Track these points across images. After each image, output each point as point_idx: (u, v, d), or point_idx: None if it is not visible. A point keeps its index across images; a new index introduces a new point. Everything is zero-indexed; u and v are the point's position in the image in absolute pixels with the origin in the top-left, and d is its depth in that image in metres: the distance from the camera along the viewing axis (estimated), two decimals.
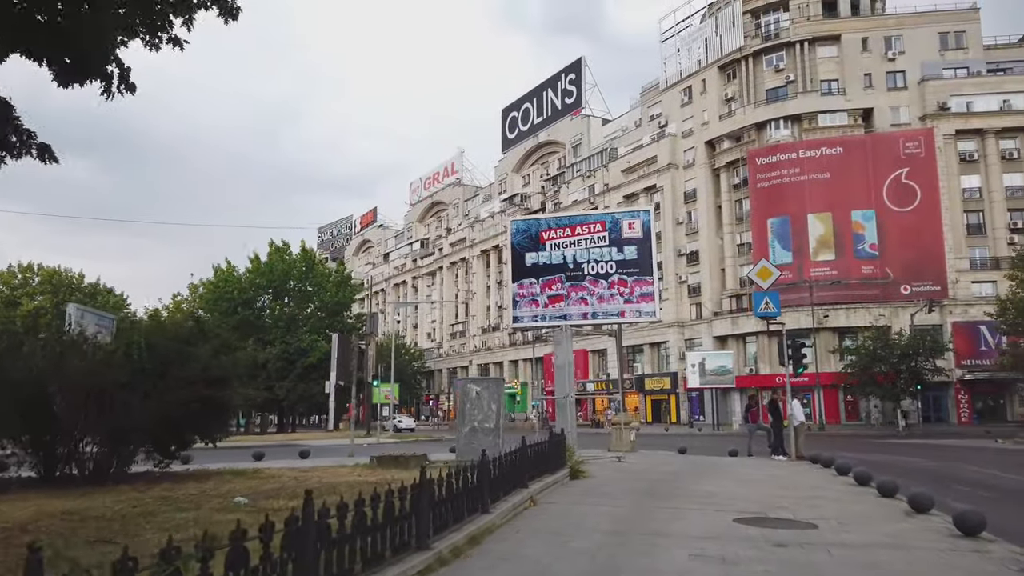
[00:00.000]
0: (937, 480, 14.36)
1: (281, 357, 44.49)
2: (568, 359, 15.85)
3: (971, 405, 47.46)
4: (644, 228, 16.12)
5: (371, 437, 33.44)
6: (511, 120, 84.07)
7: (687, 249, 58.18)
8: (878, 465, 17.23)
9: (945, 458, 20.67)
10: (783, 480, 12.73)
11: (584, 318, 16.27)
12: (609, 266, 16.10)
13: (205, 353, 12.73)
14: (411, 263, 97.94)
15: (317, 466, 15.51)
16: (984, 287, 48.34)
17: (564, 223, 16.64)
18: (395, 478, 11.98)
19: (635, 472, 14.08)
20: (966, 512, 7.23)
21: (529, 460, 9.82)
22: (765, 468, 15.25)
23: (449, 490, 6.49)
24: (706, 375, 47.19)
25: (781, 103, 54.37)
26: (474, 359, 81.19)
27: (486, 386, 14.39)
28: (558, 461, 11.96)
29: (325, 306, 47.85)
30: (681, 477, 13.16)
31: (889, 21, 53.43)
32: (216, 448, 15.67)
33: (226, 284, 45.62)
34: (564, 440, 12.88)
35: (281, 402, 45.69)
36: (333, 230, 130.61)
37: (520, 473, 9.21)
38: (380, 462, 14.46)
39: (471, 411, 14.42)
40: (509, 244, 16.86)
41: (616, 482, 12.09)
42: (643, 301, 15.91)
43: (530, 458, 9.90)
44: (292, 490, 10.91)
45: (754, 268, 18.55)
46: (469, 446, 14.24)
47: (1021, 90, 49.30)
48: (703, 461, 17.42)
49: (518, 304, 16.62)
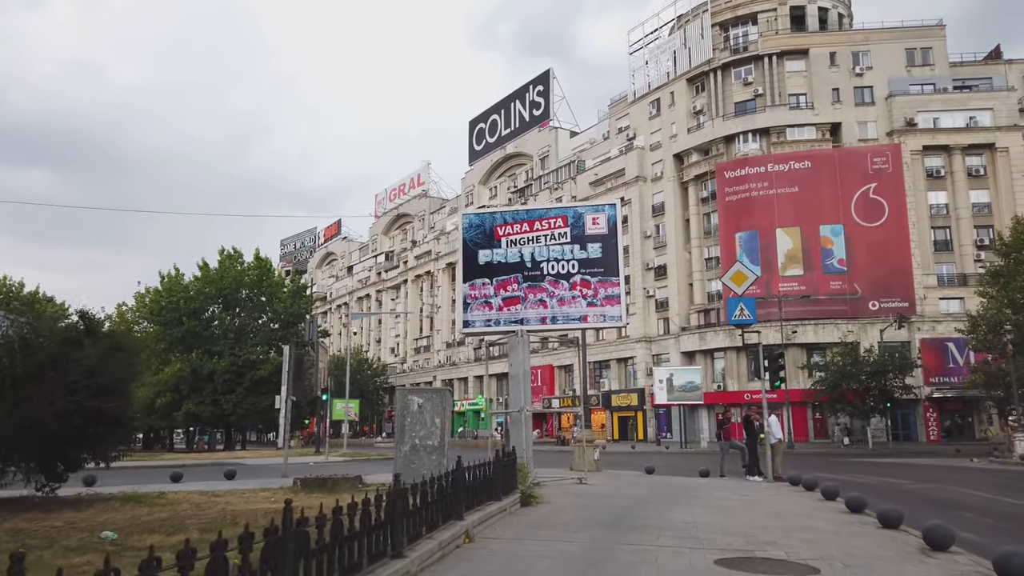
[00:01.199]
0: (937, 505, 12.92)
1: (229, 370, 41.95)
2: (523, 368, 14.14)
3: (939, 423, 46.83)
4: (610, 223, 14.53)
5: (321, 455, 31.24)
6: (478, 132, 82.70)
7: (655, 263, 57.10)
8: (860, 487, 15.79)
9: (928, 479, 19.37)
10: (765, 506, 11.14)
11: (543, 323, 14.57)
12: (571, 265, 14.46)
13: (91, 355, 10.72)
14: (375, 276, 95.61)
15: (235, 489, 13.54)
16: (951, 304, 47.95)
17: (522, 217, 14.97)
18: (310, 505, 10.13)
19: (598, 497, 12.39)
20: (1010, 554, 5.67)
21: (467, 485, 8.07)
22: (742, 491, 13.68)
23: (337, 531, 4.73)
24: (674, 391, 45.82)
25: (750, 116, 53.82)
26: (438, 374, 79.04)
27: (429, 398, 12.59)
28: (507, 485, 10.22)
29: (278, 317, 45.48)
30: (649, 503, 11.50)
31: (856, 36, 53.36)
32: (132, 468, 13.70)
33: (171, 293, 42.97)
34: (515, 460, 11.14)
35: (228, 417, 43.04)
36: (296, 242, 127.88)
37: (454, 502, 7.46)
38: (305, 485, 12.55)
39: (412, 426, 12.60)
40: (460, 240, 15.14)
41: (575, 510, 10.38)
42: (608, 304, 14.28)
43: (468, 483, 8.15)
44: (180, 521, 9.00)
45: (728, 272, 17.10)
46: (409, 467, 12.39)
47: (987, 107, 49.35)
48: (673, 483, 15.81)
49: (469, 307, 14.87)
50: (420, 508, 6.44)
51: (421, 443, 12.50)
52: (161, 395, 41.67)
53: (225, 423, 45.59)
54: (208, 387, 42.51)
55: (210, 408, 42.72)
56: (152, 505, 11.03)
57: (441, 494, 7.02)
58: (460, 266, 15.12)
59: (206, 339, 43.70)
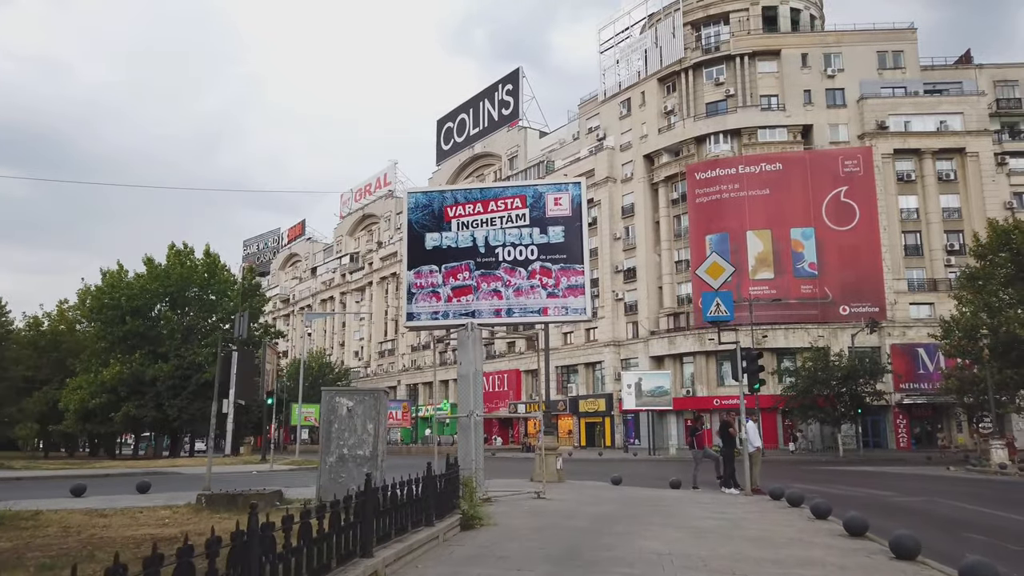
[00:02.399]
0: (937, 524, 11.45)
1: (174, 373, 39.41)
2: (475, 367, 12.39)
3: (909, 430, 46.15)
4: (574, 204, 12.86)
5: (266, 463, 29.10)
6: (446, 131, 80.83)
7: (624, 266, 55.79)
8: (843, 500, 14.38)
9: (912, 491, 18.06)
10: (749, 527, 9.55)
11: (497, 315, 12.83)
12: (530, 251, 12.74)
13: None
14: (340, 278, 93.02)
15: (133, 507, 11.56)
16: (922, 309, 47.43)
17: (475, 197, 13.21)
18: (202, 531, 8.26)
19: (555, 515, 10.69)
20: None
21: (382, 510, 6.32)
22: (720, 508, 12.09)
23: None
24: (642, 396, 44.39)
25: (721, 117, 52.90)
26: (403, 379, 76.92)
27: (361, 400, 10.80)
28: (443, 505, 8.47)
29: (229, 317, 42.98)
30: (615, 523, 9.84)
31: (828, 38, 52.79)
32: (43, 479, 11.67)
33: (112, 290, 40.26)
34: (457, 475, 9.41)
35: (172, 423, 40.46)
36: (260, 243, 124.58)
37: (361, 533, 5.70)
38: (211, 503, 10.62)
39: (340, 433, 10.79)
40: (405, 222, 13.34)
41: (525, 535, 8.65)
42: (571, 295, 12.59)
43: (384, 506, 6.39)
44: (21, 555, 7.09)
45: (703, 264, 15.59)
46: (335, 481, 10.59)
47: (957, 111, 49.02)
48: (642, 497, 14.18)
49: (414, 297, 13.06)
50: (300, 548, 4.68)
51: (350, 453, 10.71)
52: (96, 396, 38.95)
53: (170, 428, 42.96)
54: (151, 390, 39.89)
55: (152, 412, 40.08)
56: (15, 528, 9.06)
57: (337, 525, 5.26)
58: (404, 250, 13.32)
59: (151, 339, 41.05)
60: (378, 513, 6.18)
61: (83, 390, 39.61)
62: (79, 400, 39.72)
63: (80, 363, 42.71)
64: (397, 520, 6.79)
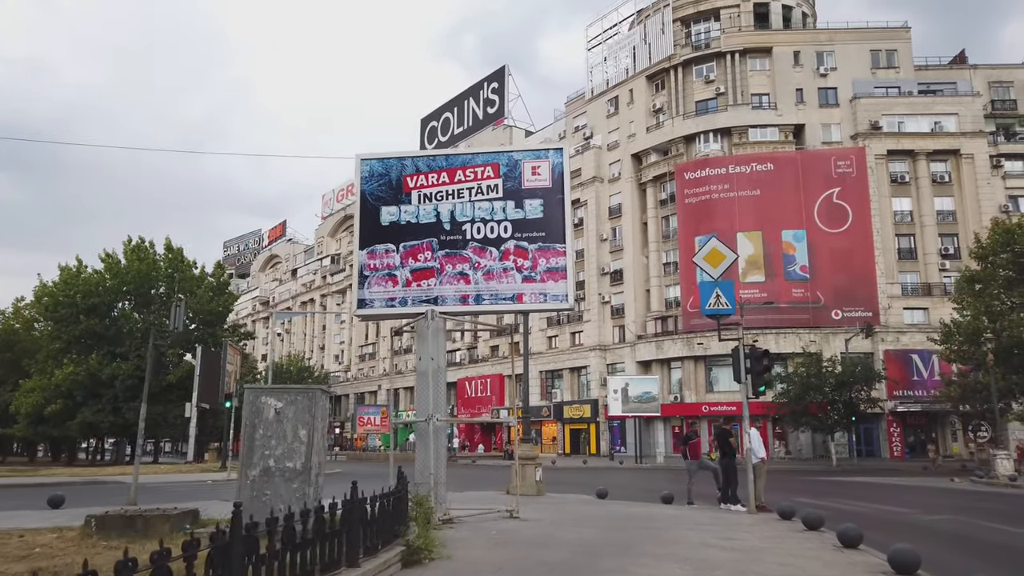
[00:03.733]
0: (981, 554, 9.67)
1: (133, 373, 37.07)
2: (436, 364, 10.48)
3: (903, 438, 44.68)
4: (555, 174, 10.99)
5: (223, 472, 26.97)
6: (430, 130, 78.95)
7: (611, 268, 54.07)
8: (856, 518, 12.56)
9: (928, 507, 16.33)
10: (765, 560, 7.70)
11: (464, 302, 10.92)
12: (503, 228, 10.86)
13: None
14: (320, 280, 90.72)
15: (15, 528, 9.52)
16: (916, 314, 46.05)
17: (440, 165, 11.28)
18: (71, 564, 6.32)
19: (526, 544, 8.77)
20: None
21: (271, 553, 4.40)
22: (724, 529, 10.24)
23: None
24: (629, 402, 42.56)
25: (711, 116, 51.42)
26: (383, 383, 74.69)
27: (292, 400, 8.86)
28: (383, 532, 6.55)
29: (196, 316, 40.73)
30: (598, 555, 7.96)
31: (821, 36, 51.51)
32: None
33: (67, 287, 37.84)
34: (403, 495, 7.48)
35: (131, 428, 38.04)
36: (240, 244, 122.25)
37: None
38: (101, 527, 8.58)
39: (265, 440, 8.83)
40: (357, 192, 11.41)
41: (485, 574, 6.74)
42: (550, 279, 10.71)
43: (276, 549, 4.47)
44: None
45: (702, 250, 13.79)
46: (259, 499, 8.61)
47: (952, 112, 47.79)
48: (630, 515, 12.31)
49: (367, 281, 11.11)
50: None
51: (277, 465, 8.74)
52: (51, 402, 36.58)
53: (129, 434, 40.56)
54: (108, 393, 37.52)
55: (110, 417, 37.73)
56: None
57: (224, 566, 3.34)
58: (356, 227, 11.39)
59: (109, 339, 38.68)
60: (260, 559, 4.25)
61: (36, 393, 37.22)
62: (31, 404, 37.34)
63: (35, 364, 40.30)
64: (305, 563, 4.86)
